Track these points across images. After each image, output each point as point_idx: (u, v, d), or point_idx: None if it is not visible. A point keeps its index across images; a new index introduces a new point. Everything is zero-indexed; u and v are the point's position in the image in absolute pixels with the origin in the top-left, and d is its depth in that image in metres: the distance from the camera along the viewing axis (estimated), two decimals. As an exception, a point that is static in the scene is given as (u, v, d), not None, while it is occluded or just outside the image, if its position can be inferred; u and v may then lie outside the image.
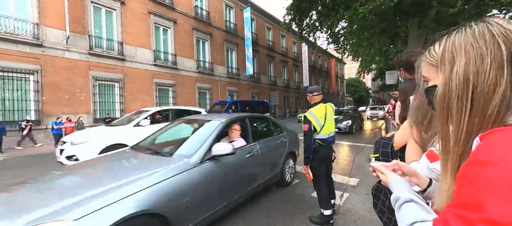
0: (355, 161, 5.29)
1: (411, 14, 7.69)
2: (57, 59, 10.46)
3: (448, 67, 0.43)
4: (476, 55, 0.39)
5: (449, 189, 0.44)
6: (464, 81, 0.40)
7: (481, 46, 0.39)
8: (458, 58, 0.42)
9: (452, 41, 0.43)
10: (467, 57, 0.40)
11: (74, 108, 10.85)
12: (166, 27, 15.15)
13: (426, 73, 0.52)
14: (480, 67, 0.39)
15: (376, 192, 1.30)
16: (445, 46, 0.45)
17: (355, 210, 2.84)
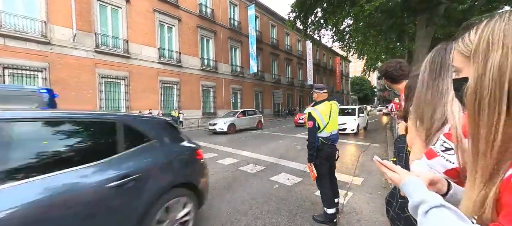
0: (359, 160, 5.24)
1: (419, 11, 7.51)
2: (65, 57, 10.65)
3: (482, 59, 0.38)
4: None
5: (478, 196, 0.40)
6: (498, 76, 0.35)
7: None
8: (494, 49, 0.36)
9: (490, 29, 0.38)
10: (505, 49, 0.35)
11: (81, 105, 11.04)
12: (170, 25, 15.22)
13: (457, 64, 0.46)
14: None
15: (390, 199, 1.26)
16: (481, 35, 0.39)
17: (359, 209, 2.81)
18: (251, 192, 3.42)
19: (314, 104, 2.52)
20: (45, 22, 10.08)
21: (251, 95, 22.12)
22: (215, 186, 3.72)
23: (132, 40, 13.08)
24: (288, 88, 27.60)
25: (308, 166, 2.48)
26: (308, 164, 2.44)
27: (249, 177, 4.15)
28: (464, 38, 0.43)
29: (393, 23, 8.82)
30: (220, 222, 2.55)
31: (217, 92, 18.47)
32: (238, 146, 7.52)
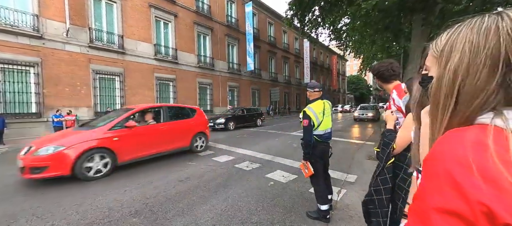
0: (354, 158, 5.29)
1: (415, 10, 7.57)
2: (57, 52, 10.43)
3: (444, 61, 0.41)
4: (472, 51, 0.36)
5: None
6: (453, 78, 0.38)
7: (479, 42, 0.36)
8: (454, 52, 0.39)
9: (456, 33, 0.40)
10: (462, 53, 0.38)
11: (75, 101, 10.87)
12: (166, 21, 15.03)
13: (429, 63, 0.49)
14: (472, 64, 0.36)
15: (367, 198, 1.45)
16: (448, 38, 0.42)
17: (352, 206, 2.85)
18: (246, 189, 3.43)
19: (308, 103, 2.53)
20: (37, 15, 9.83)
21: (248, 93, 22.07)
22: (210, 183, 3.72)
23: (127, 35, 12.88)
24: (285, 86, 27.63)
25: (302, 164, 2.49)
26: (304, 161, 2.45)
27: (244, 174, 4.16)
28: (437, 39, 0.46)
29: (389, 22, 8.88)
30: (214, 219, 2.55)
31: (214, 89, 18.38)
32: (234, 144, 7.51)
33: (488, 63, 0.35)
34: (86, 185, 3.72)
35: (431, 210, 0.32)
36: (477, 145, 0.31)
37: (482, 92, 0.35)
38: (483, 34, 0.36)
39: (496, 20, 0.36)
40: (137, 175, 4.20)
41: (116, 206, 2.91)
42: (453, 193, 0.30)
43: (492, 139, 0.31)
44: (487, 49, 0.35)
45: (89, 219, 2.58)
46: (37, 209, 2.85)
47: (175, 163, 5.05)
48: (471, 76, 0.36)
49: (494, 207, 0.27)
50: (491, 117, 0.35)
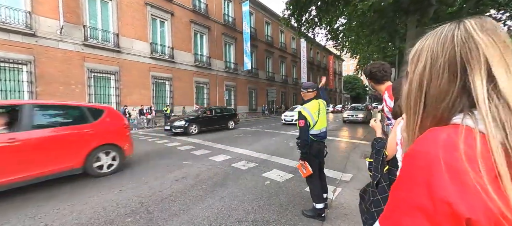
0: (349, 157, 5.35)
1: (410, 12, 7.67)
2: (51, 49, 10.25)
3: (413, 67, 0.44)
4: (434, 57, 0.40)
5: None
6: (419, 82, 0.42)
7: (438, 50, 0.39)
8: (420, 59, 0.42)
9: (424, 42, 0.43)
10: (425, 60, 0.41)
11: (69, 100, 10.69)
12: (163, 19, 14.90)
13: (408, 67, 0.53)
14: (434, 70, 0.39)
15: (363, 194, 1.40)
16: (417, 46, 0.45)
17: (347, 204, 2.89)
18: (242, 188, 3.44)
19: (303, 103, 2.55)
20: (30, 12, 9.64)
21: (245, 93, 22.07)
22: (207, 182, 3.72)
23: (122, 34, 12.73)
24: (282, 86, 27.70)
25: (299, 165, 2.50)
26: (301, 162, 2.46)
27: (241, 174, 4.17)
28: (412, 48, 0.49)
29: (385, 23, 8.99)
30: (211, 218, 2.56)
31: (210, 89, 18.32)
32: (231, 143, 7.51)
33: (446, 69, 0.38)
34: (81, 185, 3.68)
35: (401, 203, 0.34)
36: (447, 144, 0.33)
37: (447, 95, 0.38)
38: (441, 42, 0.39)
39: (453, 29, 0.39)
40: (132, 175, 4.17)
41: (111, 206, 2.89)
42: (421, 190, 0.32)
43: (462, 138, 0.33)
44: (444, 56, 0.38)
45: (84, 219, 2.56)
46: (30, 209, 2.81)
47: (171, 162, 5.03)
48: (434, 81, 0.39)
49: (457, 205, 0.29)
50: (462, 118, 0.37)
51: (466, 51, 0.37)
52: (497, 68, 0.34)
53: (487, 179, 0.29)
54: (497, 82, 0.34)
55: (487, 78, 0.35)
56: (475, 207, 0.28)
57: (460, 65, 0.37)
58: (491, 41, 0.36)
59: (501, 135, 0.31)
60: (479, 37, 0.36)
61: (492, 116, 0.33)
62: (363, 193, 1.41)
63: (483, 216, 0.28)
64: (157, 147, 6.99)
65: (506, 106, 0.33)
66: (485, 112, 0.33)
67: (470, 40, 0.37)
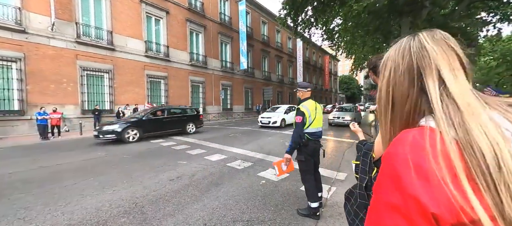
0: (344, 157, 5.40)
1: (404, 13, 7.79)
2: (42, 47, 10.00)
3: (381, 76, 0.49)
4: (395, 66, 0.45)
5: None
6: (386, 89, 0.46)
7: (399, 58, 0.44)
8: (385, 68, 0.47)
9: (388, 53, 0.48)
10: (389, 69, 0.46)
11: (61, 99, 10.48)
12: (158, 17, 14.72)
13: None
14: (396, 78, 0.44)
15: (349, 195, 1.42)
16: (385, 57, 0.49)
17: (341, 203, 2.91)
18: (238, 188, 3.43)
19: (300, 102, 2.57)
20: (20, 8, 9.38)
21: (241, 92, 22.03)
22: (202, 182, 3.70)
23: (116, 31, 12.52)
24: (278, 85, 27.75)
25: (279, 162, 2.50)
26: (287, 156, 2.45)
27: (236, 173, 4.16)
28: None
29: (379, 24, 9.09)
30: (205, 218, 2.54)
31: (206, 88, 18.21)
32: (227, 143, 7.49)
33: (406, 75, 0.43)
34: (73, 184, 3.61)
35: (381, 204, 0.37)
36: (414, 145, 0.36)
37: (408, 99, 0.43)
38: (401, 53, 0.45)
39: (410, 41, 0.45)
40: (126, 174, 4.11)
41: (104, 206, 2.84)
42: (394, 189, 0.35)
43: (427, 138, 0.35)
44: (404, 65, 0.43)
45: (76, 220, 2.51)
46: (19, 210, 2.74)
47: (166, 162, 4.99)
48: (397, 86, 0.44)
49: (424, 199, 0.31)
50: (426, 119, 0.40)
51: (421, 59, 0.41)
52: (445, 72, 0.39)
53: (448, 175, 0.31)
54: (447, 84, 0.38)
55: (439, 82, 0.39)
56: (439, 202, 0.30)
57: (417, 71, 0.42)
58: (440, 50, 0.41)
59: (453, 131, 0.34)
60: (430, 46, 0.42)
61: (444, 114, 0.36)
62: (349, 195, 1.42)
63: (446, 210, 0.30)
64: (152, 146, 6.91)
65: (454, 105, 0.36)
66: (438, 111, 0.37)
67: (423, 49, 0.42)
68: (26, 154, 5.99)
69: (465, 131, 0.33)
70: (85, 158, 5.48)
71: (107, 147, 6.96)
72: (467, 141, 0.32)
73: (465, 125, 0.34)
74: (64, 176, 4.05)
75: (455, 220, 0.30)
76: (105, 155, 5.77)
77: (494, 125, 0.33)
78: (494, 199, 0.29)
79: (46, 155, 5.82)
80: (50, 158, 5.49)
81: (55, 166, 4.76)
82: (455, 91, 0.37)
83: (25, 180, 3.86)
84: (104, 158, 5.50)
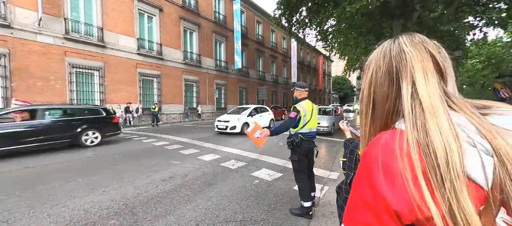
0: (337, 156, 5.47)
1: (395, 16, 7.97)
2: (28, 42, 9.63)
3: (364, 76, 0.50)
4: (377, 67, 0.46)
5: None
6: (368, 89, 0.48)
7: (380, 60, 0.46)
8: (368, 69, 0.49)
9: (371, 55, 0.50)
10: (371, 70, 0.48)
11: (48, 96, 10.13)
12: (151, 15, 14.46)
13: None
14: (378, 78, 0.46)
15: (338, 190, 1.55)
16: (368, 58, 0.51)
17: (333, 202, 2.95)
18: (231, 188, 3.42)
19: (296, 102, 2.57)
20: (4, 2, 8.99)
21: (235, 91, 21.95)
22: (195, 182, 3.66)
23: (107, 28, 12.20)
24: (272, 85, 27.82)
25: (263, 131, 2.41)
26: (267, 130, 2.40)
27: (230, 173, 4.14)
28: None
29: (372, 26, 9.27)
30: (198, 218, 2.51)
31: (200, 87, 18.03)
32: (220, 142, 7.45)
33: (386, 76, 0.44)
34: (60, 186, 3.49)
35: (356, 199, 0.39)
36: (385, 147, 0.37)
37: (388, 99, 0.44)
38: (382, 55, 0.46)
39: (390, 44, 0.46)
40: (117, 175, 4.02)
41: (93, 208, 2.76)
42: (367, 187, 0.37)
43: (396, 140, 0.37)
44: (384, 67, 0.45)
45: (62, 223, 2.43)
46: (2, 213, 2.62)
47: (158, 162, 4.90)
48: (378, 87, 0.46)
49: (388, 197, 0.33)
50: (399, 122, 0.42)
51: (399, 61, 0.43)
52: (418, 75, 0.41)
53: (410, 174, 0.33)
54: (417, 87, 0.40)
55: (411, 84, 0.41)
56: (401, 200, 0.32)
57: (395, 73, 0.43)
58: (417, 53, 0.42)
59: (416, 132, 0.36)
60: (408, 49, 0.43)
61: (412, 115, 0.38)
62: (338, 189, 1.54)
63: (406, 207, 0.32)
64: (143, 146, 6.79)
65: (420, 107, 0.38)
66: (407, 112, 0.38)
67: (401, 52, 0.44)
68: (9, 153, 5.75)
69: (425, 132, 0.35)
70: (73, 158, 5.32)
71: (97, 147, 6.78)
72: (425, 141, 0.34)
73: (426, 126, 0.35)
74: (51, 177, 3.91)
75: (413, 217, 0.31)
76: (95, 155, 5.62)
77: (449, 125, 0.34)
78: (443, 196, 0.30)
79: (31, 155, 5.61)
80: (35, 158, 5.29)
81: (42, 166, 4.59)
82: (423, 93, 0.39)
83: (8, 181, 3.70)
84: (94, 158, 5.36)
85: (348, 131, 1.68)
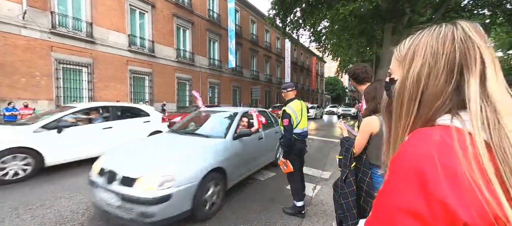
0: (329, 156, 5.55)
1: (387, 19, 8.17)
2: (11, 36, 9.18)
3: (407, 65, 0.43)
4: (432, 56, 0.39)
5: None
6: (417, 81, 0.40)
7: (439, 47, 0.38)
8: (417, 57, 0.41)
9: (418, 39, 0.42)
10: (424, 58, 0.40)
11: (33, 93, 9.70)
12: (143, 11, 14.12)
13: (392, 67, 0.50)
14: (433, 69, 0.38)
15: (335, 187, 1.62)
16: (410, 44, 0.44)
17: (325, 201, 2.99)
18: (224, 187, 3.39)
19: (286, 104, 2.58)
20: (-15, -7, 8.53)
21: (229, 91, 21.83)
22: (187, 181, 3.61)
23: (97, 23, 11.82)
24: (266, 85, 27.88)
25: (281, 161, 2.51)
26: (283, 160, 2.46)
27: (223, 172, 4.11)
28: (400, 45, 0.47)
29: (364, 28, 9.46)
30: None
31: (193, 85, 17.80)
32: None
33: (446, 68, 0.37)
34: (44, 185, 3.35)
35: (395, 209, 0.32)
36: (442, 145, 0.32)
37: (441, 95, 0.38)
38: (442, 41, 0.39)
39: (452, 29, 0.39)
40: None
41: (81, 208, 2.68)
42: (414, 192, 0.31)
43: (456, 140, 0.32)
44: (445, 55, 0.38)
45: (47, 224, 2.33)
46: (-19, 215, 2.49)
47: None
48: (432, 80, 0.38)
49: (454, 206, 0.28)
50: (450, 119, 0.36)
51: (465, 51, 0.36)
52: (490, 70, 0.35)
53: (481, 179, 0.28)
54: (487, 84, 0.34)
55: (480, 80, 0.35)
56: (472, 209, 0.27)
57: (458, 65, 0.37)
58: (485, 44, 0.37)
59: (486, 135, 0.31)
60: (476, 38, 0.37)
61: (481, 115, 0.33)
62: (334, 186, 1.61)
63: (478, 217, 0.27)
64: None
65: (491, 106, 0.33)
66: (474, 112, 0.33)
67: (469, 40, 0.37)
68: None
69: (499, 135, 0.30)
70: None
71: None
72: (500, 145, 0.30)
73: (501, 128, 0.31)
74: (36, 176, 3.75)
75: None
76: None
77: None
78: None
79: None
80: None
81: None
82: (495, 91, 0.33)
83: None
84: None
85: (345, 130, 1.71)
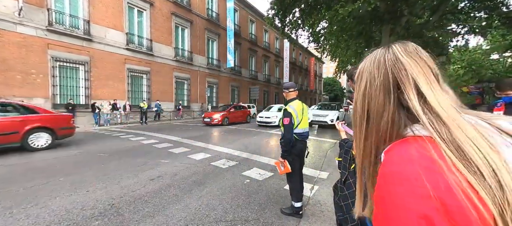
0: (327, 156, 5.56)
1: (385, 20, 8.21)
2: (7, 33, 9.07)
3: (357, 87, 0.48)
4: (371, 78, 0.44)
5: (360, 195, 0.51)
6: (362, 100, 0.45)
7: (374, 71, 0.43)
8: (362, 79, 0.46)
9: (364, 63, 0.47)
10: (365, 79, 0.45)
11: (29, 90, 9.60)
12: (141, 9, 14.04)
13: (354, 87, 0.56)
14: (372, 90, 0.43)
15: (334, 189, 1.61)
16: (360, 68, 0.48)
17: (323, 201, 2.99)
18: (222, 187, 3.38)
19: (286, 103, 2.57)
20: (-20, -11, 8.41)
21: (227, 90, 21.80)
22: (184, 181, 3.59)
23: (94, 21, 11.72)
24: (264, 84, 27.88)
25: (279, 162, 2.50)
26: (282, 159, 2.45)
27: (220, 172, 4.10)
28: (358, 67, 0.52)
29: (362, 30, 9.50)
30: (187, 218, 2.47)
31: (191, 85, 17.75)
32: (211, 141, 7.37)
33: (381, 88, 0.42)
34: (40, 185, 3.31)
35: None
36: (422, 158, 0.33)
37: (384, 112, 0.42)
38: (376, 65, 0.44)
39: (384, 53, 0.44)
40: (102, 174, 3.87)
41: (76, 208, 2.64)
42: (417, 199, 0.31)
43: (433, 150, 0.33)
44: (379, 77, 0.43)
45: (41, 224, 2.30)
46: (-26, 215, 2.45)
47: (147, 160, 4.77)
48: (373, 99, 0.43)
49: (443, 199, 0.29)
50: (415, 129, 0.38)
51: (397, 71, 0.41)
52: (424, 86, 0.39)
53: (462, 178, 0.30)
54: (427, 99, 0.38)
55: (418, 95, 0.39)
56: (456, 200, 0.29)
57: (392, 83, 0.41)
58: (414, 62, 0.41)
59: (444, 145, 0.33)
60: (405, 59, 0.41)
61: (432, 127, 0.35)
62: (334, 188, 1.60)
63: (464, 207, 0.28)
64: (131, 144, 6.58)
65: (439, 119, 0.36)
66: (426, 123, 0.36)
67: (398, 62, 0.41)
68: (-15, 151, 5.39)
69: (456, 146, 0.32)
70: (56, 156, 5.07)
71: (81, 144, 6.51)
72: (463, 158, 0.31)
73: (456, 140, 0.32)
74: (31, 175, 3.71)
75: None
76: (79, 153, 5.38)
77: (479, 135, 0.32)
78: (495, 203, 0.28)
79: (9, 152, 5.29)
80: (14, 155, 4.99)
81: (22, 164, 4.34)
82: (436, 105, 0.37)
83: (-18, 180, 3.47)
84: (78, 156, 5.13)
85: (343, 131, 1.71)
